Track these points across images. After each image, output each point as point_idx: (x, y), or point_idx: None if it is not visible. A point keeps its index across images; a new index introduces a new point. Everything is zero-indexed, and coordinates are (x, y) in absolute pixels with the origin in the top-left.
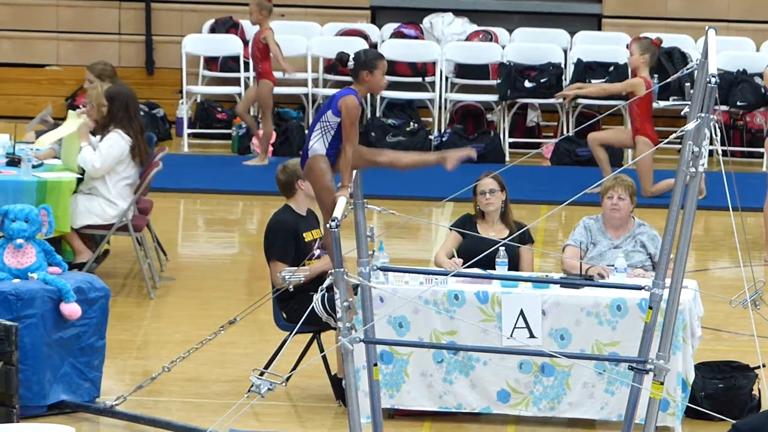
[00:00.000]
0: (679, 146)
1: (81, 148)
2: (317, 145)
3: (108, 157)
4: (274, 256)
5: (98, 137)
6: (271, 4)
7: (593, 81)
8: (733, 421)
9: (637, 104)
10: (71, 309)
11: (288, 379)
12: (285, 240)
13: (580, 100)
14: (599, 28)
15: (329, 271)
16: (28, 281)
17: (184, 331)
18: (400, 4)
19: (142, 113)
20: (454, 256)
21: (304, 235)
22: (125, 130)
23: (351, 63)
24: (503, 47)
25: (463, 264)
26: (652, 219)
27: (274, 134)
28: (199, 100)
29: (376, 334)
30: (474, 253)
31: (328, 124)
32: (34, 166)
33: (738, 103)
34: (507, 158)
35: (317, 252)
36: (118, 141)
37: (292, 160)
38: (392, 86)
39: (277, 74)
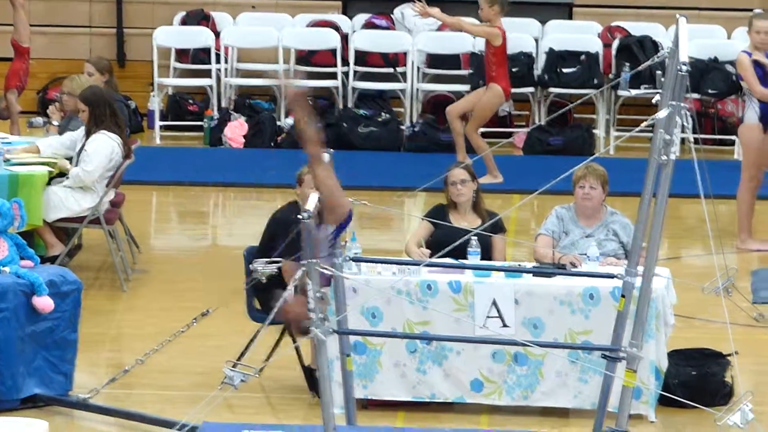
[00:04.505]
0: (651, 134)
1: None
2: None
3: (98, 156)
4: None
5: (83, 140)
6: None
7: (564, 70)
8: (707, 408)
9: (493, 53)
10: (44, 302)
11: (261, 370)
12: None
13: (552, 89)
14: (570, 17)
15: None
16: (0, 275)
17: (157, 324)
18: None
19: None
20: (422, 246)
21: None
22: (110, 130)
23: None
24: (474, 37)
25: (436, 254)
26: (624, 207)
27: (246, 125)
28: (170, 93)
29: (349, 325)
30: (446, 242)
31: None
32: (5, 161)
33: (709, 91)
34: None
35: None
36: (106, 140)
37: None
38: (364, 77)
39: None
